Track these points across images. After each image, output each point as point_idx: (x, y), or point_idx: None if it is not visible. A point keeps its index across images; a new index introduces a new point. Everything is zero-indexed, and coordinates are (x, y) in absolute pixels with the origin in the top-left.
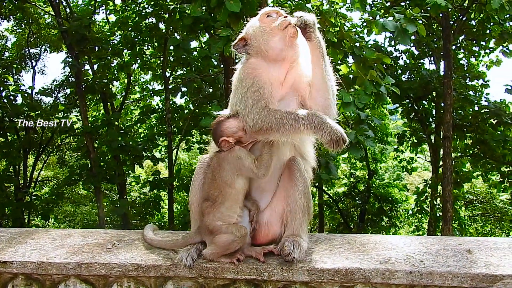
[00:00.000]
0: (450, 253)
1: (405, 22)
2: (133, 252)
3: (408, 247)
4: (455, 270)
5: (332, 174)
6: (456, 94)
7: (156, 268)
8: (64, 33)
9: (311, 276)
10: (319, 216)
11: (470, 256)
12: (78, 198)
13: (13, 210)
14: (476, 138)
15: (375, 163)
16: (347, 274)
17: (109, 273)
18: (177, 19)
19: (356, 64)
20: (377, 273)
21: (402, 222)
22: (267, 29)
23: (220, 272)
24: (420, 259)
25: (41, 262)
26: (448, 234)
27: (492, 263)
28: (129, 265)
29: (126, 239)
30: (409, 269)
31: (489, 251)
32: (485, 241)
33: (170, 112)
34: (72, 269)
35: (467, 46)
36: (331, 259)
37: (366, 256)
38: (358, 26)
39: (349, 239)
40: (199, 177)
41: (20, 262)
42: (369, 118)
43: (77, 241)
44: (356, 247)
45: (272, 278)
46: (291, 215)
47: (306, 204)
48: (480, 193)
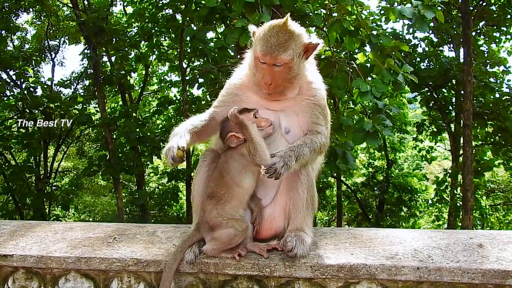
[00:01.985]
0: (460, 247)
1: (423, 8)
2: (133, 247)
3: (417, 241)
4: (465, 265)
5: (349, 164)
6: (476, 81)
7: (156, 263)
8: (82, 25)
9: (315, 272)
10: (337, 207)
11: (481, 251)
12: (98, 188)
13: (34, 200)
14: (497, 126)
15: (394, 152)
16: (351, 270)
17: (109, 267)
18: (193, 10)
19: (373, 53)
20: (383, 269)
21: (422, 212)
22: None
23: (221, 267)
24: (429, 254)
25: (41, 256)
26: (468, 224)
27: (504, 258)
28: (129, 260)
29: (128, 233)
30: (417, 264)
31: (502, 245)
32: (498, 235)
33: (187, 103)
34: (72, 263)
35: (488, 32)
36: (336, 254)
37: (372, 252)
38: (376, 14)
39: (355, 234)
40: (202, 169)
41: (21, 256)
42: (387, 107)
43: (78, 234)
44: (362, 242)
45: (275, 274)
46: (294, 209)
47: (310, 198)
48: (501, 181)
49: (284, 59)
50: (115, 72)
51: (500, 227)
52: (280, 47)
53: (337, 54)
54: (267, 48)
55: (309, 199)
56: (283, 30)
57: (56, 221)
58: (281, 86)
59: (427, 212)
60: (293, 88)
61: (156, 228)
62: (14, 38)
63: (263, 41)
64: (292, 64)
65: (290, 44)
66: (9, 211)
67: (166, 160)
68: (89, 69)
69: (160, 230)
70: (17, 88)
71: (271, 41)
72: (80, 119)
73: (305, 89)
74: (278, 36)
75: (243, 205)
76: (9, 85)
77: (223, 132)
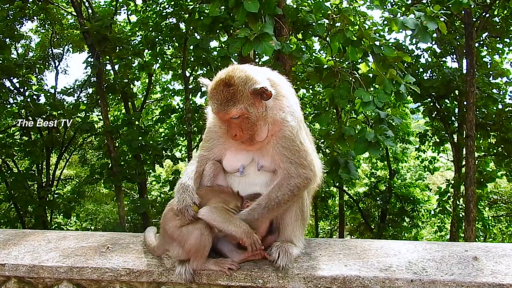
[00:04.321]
0: (455, 260)
1: (426, 19)
2: (126, 256)
3: (411, 253)
4: (459, 278)
5: (351, 174)
6: (479, 92)
7: (148, 273)
8: (86, 33)
9: (308, 283)
10: (340, 216)
11: (476, 264)
12: (100, 197)
13: (36, 208)
14: (500, 137)
15: (397, 162)
16: (345, 282)
17: (101, 277)
18: (196, 19)
19: (375, 63)
20: (376, 281)
21: (424, 222)
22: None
23: (213, 278)
24: (423, 267)
25: (33, 265)
26: (471, 235)
27: (499, 271)
28: (121, 269)
29: (121, 242)
30: (411, 277)
31: (497, 258)
32: (493, 248)
33: (190, 112)
34: (64, 273)
35: (491, 43)
36: (329, 265)
37: (366, 263)
38: (379, 25)
39: (349, 245)
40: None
41: (13, 265)
42: (389, 117)
43: (72, 244)
44: (356, 253)
45: (267, 285)
46: (282, 222)
47: (300, 210)
48: (504, 193)
49: (236, 113)
50: (118, 80)
51: (503, 238)
52: (228, 102)
53: (340, 64)
54: (218, 105)
55: (298, 212)
56: (226, 86)
57: (58, 229)
58: (247, 135)
59: (429, 223)
60: (260, 132)
61: None
62: (18, 46)
63: (212, 99)
64: (248, 114)
65: (236, 97)
66: (11, 219)
67: (184, 216)
68: (92, 77)
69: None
70: (20, 96)
71: (219, 98)
72: (82, 127)
73: (273, 127)
74: (223, 93)
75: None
76: (13, 92)
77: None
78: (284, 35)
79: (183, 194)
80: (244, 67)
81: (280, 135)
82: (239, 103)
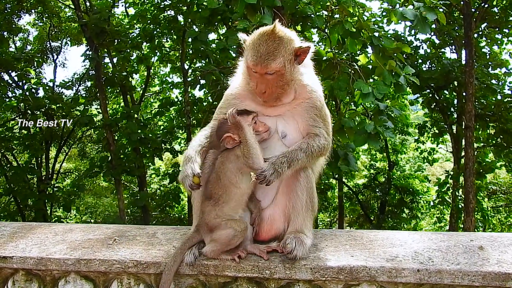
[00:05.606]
0: (460, 250)
1: (425, 10)
2: (133, 248)
3: (417, 243)
4: (465, 268)
5: (351, 166)
6: (478, 83)
7: (156, 265)
8: (84, 26)
9: (315, 274)
10: (339, 208)
11: (482, 253)
12: (99, 190)
13: (36, 202)
14: (499, 128)
15: (396, 154)
16: (351, 272)
17: (108, 269)
18: (195, 11)
19: (375, 54)
20: (383, 271)
21: (424, 214)
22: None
23: (220, 269)
24: (429, 257)
25: (40, 257)
26: (470, 226)
27: (505, 261)
28: (129, 261)
29: (127, 234)
30: (417, 267)
31: (503, 248)
32: (498, 237)
33: (189, 105)
34: (71, 265)
35: (490, 34)
36: (336, 256)
37: (372, 254)
38: (378, 16)
39: (355, 236)
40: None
41: (20, 258)
42: (389, 109)
43: (78, 236)
44: (362, 244)
45: (274, 276)
46: (293, 211)
47: (310, 200)
48: (503, 183)
49: (275, 67)
50: (117, 73)
51: (502, 229)
52: (270, 55)
53: (339, 55)
54: (257, 57)
55: (308, 201)
56: (271, 38)
57: (58, 222)
58: (275, 93)
59: (428, 214)
60: (288, 94)
61: (156, 229)
62: (16, 40)
63: (253, 50)
64: (284, 71)
65: (280, 51)
66: (11, 212)
67: (184, 187)
68: (91, 70)
69: (160, 231)
70: (19, 90)
71: (260, 50)
72: (81, 121)
73: (300, 93)
74: (267, 44)
75: (241, 206)
76: (11, 86)
77: (219, 131)
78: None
79: (185, 166)
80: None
81: (310, 102)
82: (280, 58)
